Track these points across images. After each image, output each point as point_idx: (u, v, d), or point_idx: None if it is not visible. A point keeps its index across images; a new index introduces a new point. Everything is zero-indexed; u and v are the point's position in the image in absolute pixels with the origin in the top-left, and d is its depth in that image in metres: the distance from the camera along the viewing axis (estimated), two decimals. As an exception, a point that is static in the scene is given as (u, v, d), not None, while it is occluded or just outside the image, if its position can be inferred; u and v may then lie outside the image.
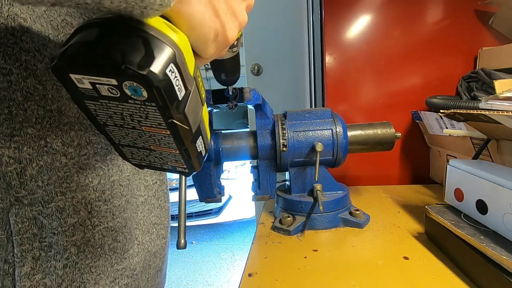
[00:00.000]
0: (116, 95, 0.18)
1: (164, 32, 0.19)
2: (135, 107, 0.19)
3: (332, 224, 0.57)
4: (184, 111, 0.20)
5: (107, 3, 0.15)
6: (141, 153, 0.24)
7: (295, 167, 0.58)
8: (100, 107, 0.20)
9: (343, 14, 0.78)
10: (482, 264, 0.37)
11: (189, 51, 0.21)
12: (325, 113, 0.58)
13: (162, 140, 0.22)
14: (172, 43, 0.19)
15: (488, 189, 0.40)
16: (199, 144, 0.24)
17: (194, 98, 0.21)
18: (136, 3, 0.16)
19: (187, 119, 0.21)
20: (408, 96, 0.79)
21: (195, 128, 0.22)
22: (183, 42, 0.20)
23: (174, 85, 0.18)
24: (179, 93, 0.19)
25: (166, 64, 0.18)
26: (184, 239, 0.45)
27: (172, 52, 0.18)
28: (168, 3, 0.17)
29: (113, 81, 0.17)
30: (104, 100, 0.19)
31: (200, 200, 0.58)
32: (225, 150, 0.56)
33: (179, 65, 0.19)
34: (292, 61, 1.08)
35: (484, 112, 0.42)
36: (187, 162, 0.24)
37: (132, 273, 0.32)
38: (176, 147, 0.22)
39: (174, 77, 0.18)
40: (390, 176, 0.83)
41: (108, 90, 0.18)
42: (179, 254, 2.58)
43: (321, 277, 0.42)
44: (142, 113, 0.19)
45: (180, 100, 0.19)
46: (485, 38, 0.74)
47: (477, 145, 0.60)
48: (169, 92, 0.18)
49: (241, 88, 0.52)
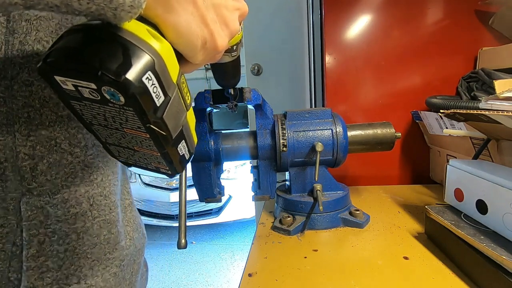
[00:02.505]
0: (97, 98, 0.19)
1: (145, 40, 0.19)
2: (115, 110, 0.20)
3: (332, 224, 0.57)
4: (162, 117, 0.21)
5: (76, 5, 0.16)
6: (126, 152, 0.26)
7: (295, 167, 0.58)
8: (84, 108, 0.21)
9: (343, 14, 0.78)
10: (482, 264, 0.37)
11: (172, 59, 0.21)
12: (325, 113, 0.58)
13: (144, 143, 0.23)
14: (152, 51, 0.19)
15: (488, 189, 0.40)
16: (181, 148, 0.24)
17: (175, 104, 0.22)
18: (106, 4, 0.16)
19: (166, 125, 0.21)
20: (408, 96, 0.79)
21: (176, 133, 0.23)
22: (165, 50, 0.20)
23: (151, 92, 0.19)
24: (157, 100, 0.20)
25: (143, 72, 0.18)
26: (184, 239, 0.45)
27: (151, 60, 0.19)
28: (139, 4, 0.18)
29: (93, 85, 0.18)
30: (87, 102, 0.20)
31: (200, 200, 0.58)
32: (225, 150, 0.56)
33: (158, 73, 0.19)
34: (292, 61, 1.08)
35: (484, 112, 0.42)
36: (169, 164, 0.25)
37: (120, 263, 0.36)
38: (157, 150, 0.23)
39: (151, 84, 0.19)
40: (390, 176, 0.83)
41: (89, 93, 0.19)
42: (179, 254, 2.58)
43: (321, 277, 0.42)
44: (122, 116, 0.20)
45: (158, 107, 0.20)
46: (485, 38, 0.74)
47: (477, 145, 0.60)
48: (145, 99, 0.19)
49: (241, 88, 0.52)
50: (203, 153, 0.54)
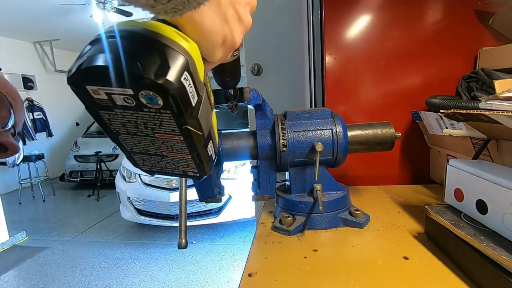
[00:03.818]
0: (132, 104, 0.19)
1: (176, 41, 0.19)
2: (149, 115, 0.20)
3: (332, 224, 0.57)
4: (198, 117, 0.21)
5: None
6: (153, 160, 0.25)
7: (295, 167, 0.58)
8: (114, 117, 0.21)
9: (343, 14, 0.78)
10: (482, 264, 0.37)
11: (199, 58, 0.21)
12: (325, 113, 0.58)
13: (175, 146, 0.23)
14: (184, 51, 0.19)
15: (488, 189, 0.40)
16: (209, 149, 0.25)
17: (205, 104, 0.22)
18: None
19: (200, 125, 0.21)
20: (408, 96, 0.79)
21: (207, 133, 0.23)
22: (194, 50, 0.20)
23: (188, 92, 0.19)
24: (193, 100, 0.20)
25: (181, 72, 0.18)
26: (185, 239, 0.45)
27: (185, 60, 0.19)
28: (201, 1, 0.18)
29: (129, 91, 0.18)
30: (119, 110, 0.20)
31: (200, 200, 0.58)
32: (225, 150, 0.56)
33: (192, 73, 0.19)
34: (292, 61, 1.08)
35: (484, 112, 0.42)
36: (199, 167, 0.25)
37: None
38: (189, 153, 0.23)
39: (188, 84, 0.19)
40: (390, 176, 0.83)
41: (124, 99, 0.19)
42: (179, 254, 2.58)
43: (321, 277, 0.42)
44: (156, 121, 0.20)
45: (193, 107, 0.20)
46: (485, 38, 0.74)
47: (477, 145, 0.60)
48: (184, 99, 0.19)
49: (241, 88, 0.52)
50: (203, 153, 0.54)
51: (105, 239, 3.03)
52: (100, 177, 4.40)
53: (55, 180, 5.21)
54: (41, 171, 4.69)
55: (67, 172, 4.83)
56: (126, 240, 3.00)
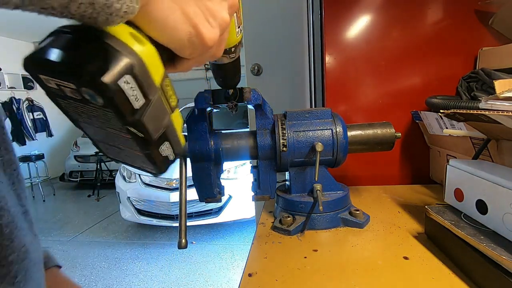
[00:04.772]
0: (78, 98, 0.19)
1: (126, 43, 0.19)
2: (96, 111, 0.20)
3: (332, 224, 0.57)
4: (141, 120, 0.21)
5: (74, 8, 0.16)
6: (113, 150, 0.26)
7: (295, 167, 0.58)
8: (69, 105, 0.21)
9: (343, 14, 0.78)
10: (482, 264, 0.37)
11: (155, 62, 0.21)
12: (325, 113, 0.58)
13: (127, 143, 0.23)
14: (133, 54, 0.19)
15: (488, 189, 0.40)
16: (164, 149, 0.25)
17: (157, 106, 0.22)
18: (103, 9, 0.16)
19: (145, 127, 0.21)
20: (408, 96, 0.79)
21: (157, 135, 0.23)
22: (147, 53, 0.20)
23: (128, 95, 0.19)
24: (136, 103, 0.20)
25: (120, 75, 0.18)
26: (185, 239, 0.45)
27: (129, 63, 0.19)
28: (133, 10, 0.18)
29: (72, 86, 0.18)
30: (71, 100, 0.20)
31: (200, 200, 0.58)
32: (225, 150, 0.56)
33: (137, 76, 0.19)
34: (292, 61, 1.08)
35: (484, 112, 0.42)
36: (152, 165, 0.25)
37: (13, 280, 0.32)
38: (139, 150, 0.23)
39: (129, 87, 0.19)
40: (390, 176, 0.83)
41: (71, 92, 0.19)
42: (179, 254, 2.58)
43: (321, 277, 0.42)
44: (105, 116, 0.20)
45: (136, 109, 0.20)
46: (485, 38, 0.74)
47: (477, 145, 0.60)
48: (122, 102, 0.19)
49: (241, 88, 0.52)
50: (203, 153, 0.54)
51: (105, 239, 3.03)
52: (100, 177, 4.40)
53: (55, 180, 5.21)
54: (41, 171, 4.69)
55: (67, 172, 4.83)
56: (126, 240, 3.00)
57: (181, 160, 0.52)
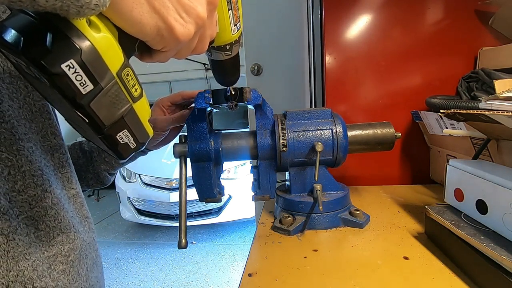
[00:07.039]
0: (33, 75, 0.20)
1: (80, 30, 0.20)
2: (50, 90, 0.20)
3: (332, 224, 0.57)
4: (89, 105, 0.21)
5: (43, 2, 0.16)
6: (81, 130, 0.26)
7: (295, 167, 0.58)
8: (33, 83, 0.22)
9: (343, 14, 0.78)
10: (482, 264, 0.37)
11: (111, 51, 0.22)
12: (325, 113, 0.58)
13: (84, 125, 0.23)
14: (83, 40, 0.20)
15: (488, 189, 0.40)
16: (122, 137, 0.25)
17: (111, 94, 0.22)
18: (72, 2, 0.17)
19: (94, 112, 0.22)
20: (408, 96, 0.79)
21: (111, 121, 0.23)
22: (102, 41, 0.21)
23: (72, 80, 0.20)
24: (82, 88, 0.20)
25: (62, 60, 0.19)
26: (185, 239, 0.45)
27: (77, 49, 0.19)
28: (104, 3, 0.18)
29: (23, 64, 0.19)
30: (31, 77, 0.21)
31: (200, 200, 0.58)
32: (225, 150, 0.56)
33: (84, 62, 0.20)
34: (292, 61, 1.08)
35: (484, 112, 0.42)
36: (110, 149, 0.25)
37: (66, 259, 0.33)
38: (94, 133, 0.24)
39: (73, 72, 0.19)
40: (390, 176, 0.83)
41: (25, 69, 0.20)
42: (179, 254, 2.58)
43: (321, 277, 0.42)
44: (58, 96, 0.21)
45: (83, 94, 0.20)
46: (485, 38, 0.74)
47: (477, 145, 0.60)
48: (64, 85, 0.19)
49: (241, 88, 0.52)
50: (203, 153, 0.54)
51: (105, 239, 3.03)
52: (100, 177, 4.39)
53: (55, 180, 5.21)
54: (41, 171, 4.68)
55: (67, 172, 4.82)
56: (126, 240, 3.00)
57: (181, 160, 0.52)
